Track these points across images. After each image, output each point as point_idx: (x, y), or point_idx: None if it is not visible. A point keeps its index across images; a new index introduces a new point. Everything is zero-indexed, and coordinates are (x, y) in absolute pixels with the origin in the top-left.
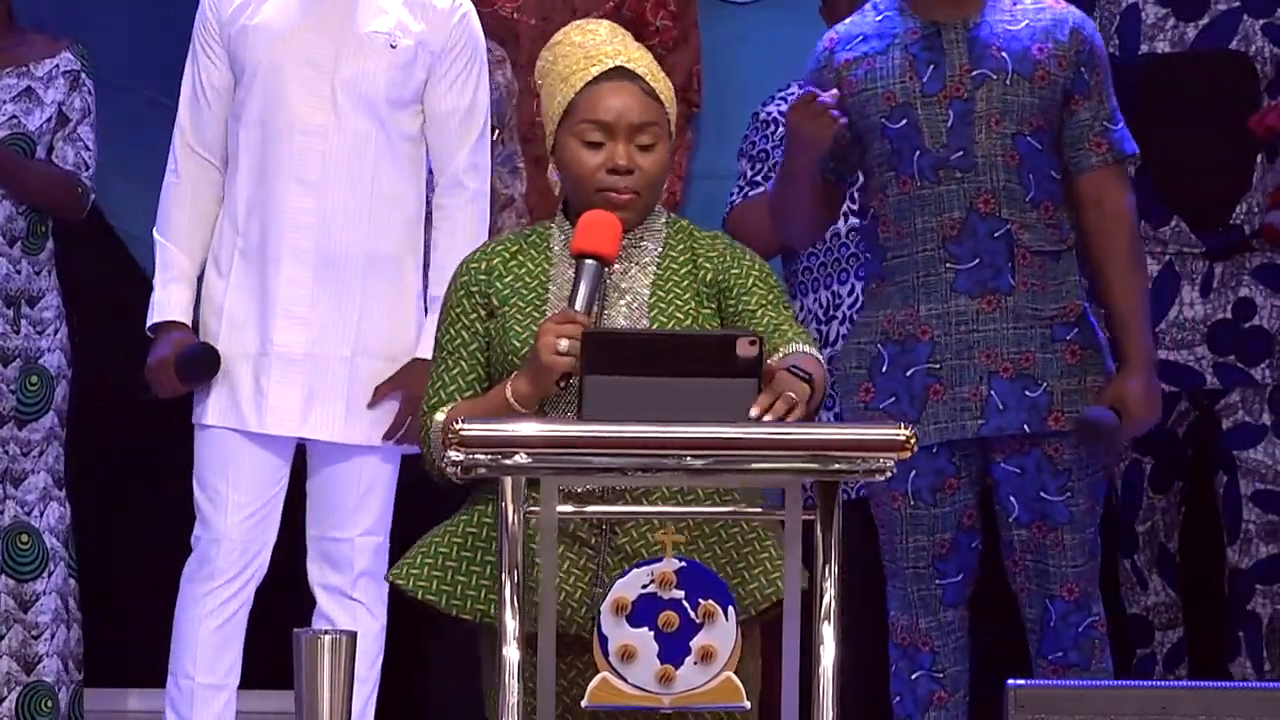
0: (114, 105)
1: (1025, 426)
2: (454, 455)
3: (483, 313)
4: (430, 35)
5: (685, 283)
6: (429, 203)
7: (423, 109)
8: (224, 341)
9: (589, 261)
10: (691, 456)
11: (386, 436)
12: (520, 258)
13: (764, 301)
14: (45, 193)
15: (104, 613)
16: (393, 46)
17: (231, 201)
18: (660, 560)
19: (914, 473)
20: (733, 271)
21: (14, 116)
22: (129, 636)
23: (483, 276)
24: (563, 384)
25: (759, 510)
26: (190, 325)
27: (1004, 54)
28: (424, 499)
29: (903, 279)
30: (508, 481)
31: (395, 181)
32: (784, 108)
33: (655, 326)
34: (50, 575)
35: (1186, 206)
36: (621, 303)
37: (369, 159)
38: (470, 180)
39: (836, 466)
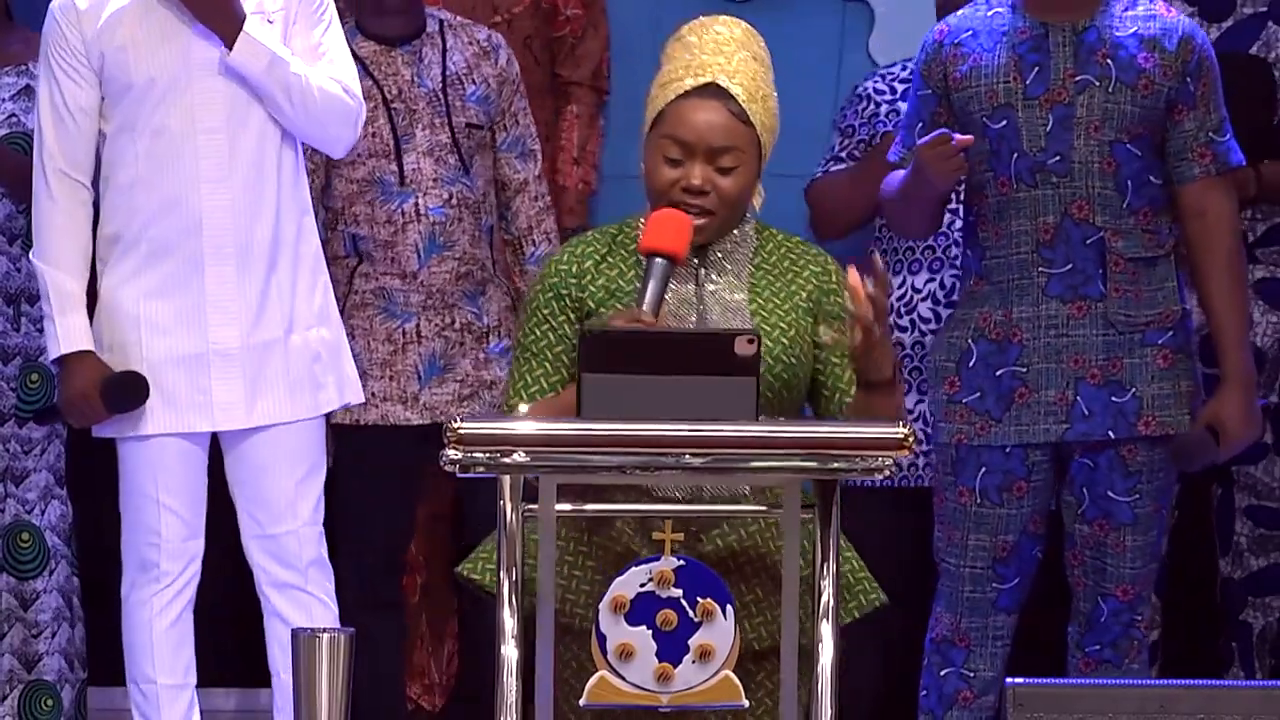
0: None
1: (1110, 433)
2: (451, 454)
3: (572, 315)
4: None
5: (783, 293)
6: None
7: None
8: (149, 349)
9: (658, 260)
10: (690, 455)
11: None
12: (610, 259)
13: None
14: None
15: (105, 611)
16: (270, 23)
17: (127, 212)
18: (658, 559)
19: (984, 470)
20: (836, 299)
21: (13, 115)
22: None
23: (573, 280)
24: None
25: (759, 508)
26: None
27: (1109, 61)
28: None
29: (999, 280)
30: (505, 480)
31: (296, 162)
32: (880, 85)
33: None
34: (51, 573)
35: None
36: (719, 310)
37: (271, 144)
38: (332, 70)
39: (835, 465)
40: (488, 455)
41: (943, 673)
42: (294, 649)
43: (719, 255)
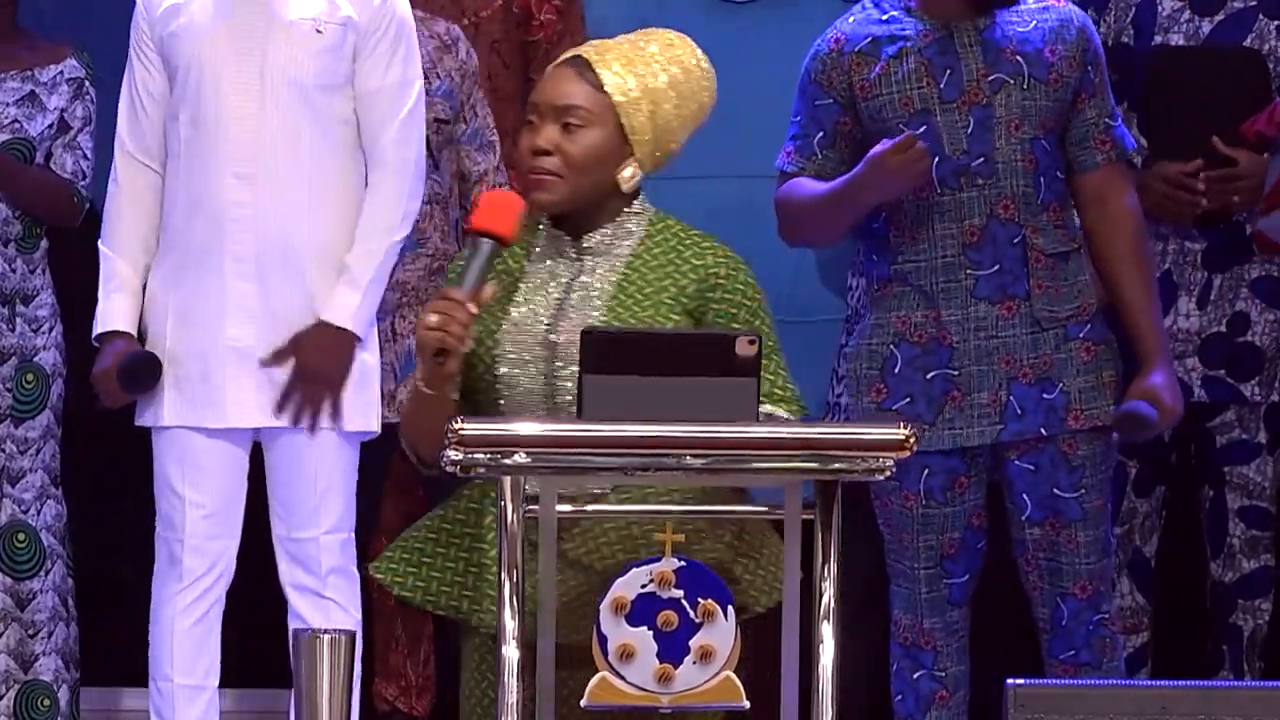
0: (111, 108)
1: (1043, 429)
2: (452, 455)
3: None
4: (357, 17)
5: (655, 285)
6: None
7: (353, 91)
8: (173, 339)
9: (483, 241)
10: (691, 456)
11: (282, 411)
12: (503, 253)
13: None
14: (41, 200)
15: (100, 611)
16: (319, 31)
17: (172, 200)
18: (659, 559)
19: (927, 471)
20: (724, 294)
21: (16, 121)
22: (125, 635)
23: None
24: (440, 360)
25: (760, 509)
26: (136, 333)
27: (1019, 57)
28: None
29: (919, 283)
30: (506, 481)
31: (333, 168)
32: None
33: (609, 326)
34: (47, 573)
35: None
36: (579, 296)
37: (304, 148)
38: (392, 154)
39: (836, 466)
40: (488, 456)
41: (915, 676)
42: (295, 649)
43: (598, 242)
